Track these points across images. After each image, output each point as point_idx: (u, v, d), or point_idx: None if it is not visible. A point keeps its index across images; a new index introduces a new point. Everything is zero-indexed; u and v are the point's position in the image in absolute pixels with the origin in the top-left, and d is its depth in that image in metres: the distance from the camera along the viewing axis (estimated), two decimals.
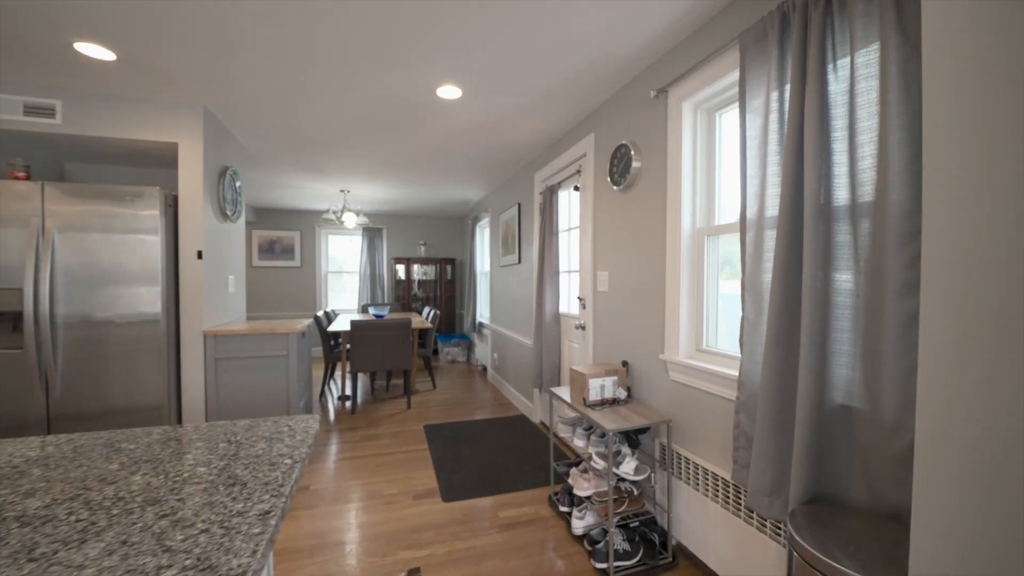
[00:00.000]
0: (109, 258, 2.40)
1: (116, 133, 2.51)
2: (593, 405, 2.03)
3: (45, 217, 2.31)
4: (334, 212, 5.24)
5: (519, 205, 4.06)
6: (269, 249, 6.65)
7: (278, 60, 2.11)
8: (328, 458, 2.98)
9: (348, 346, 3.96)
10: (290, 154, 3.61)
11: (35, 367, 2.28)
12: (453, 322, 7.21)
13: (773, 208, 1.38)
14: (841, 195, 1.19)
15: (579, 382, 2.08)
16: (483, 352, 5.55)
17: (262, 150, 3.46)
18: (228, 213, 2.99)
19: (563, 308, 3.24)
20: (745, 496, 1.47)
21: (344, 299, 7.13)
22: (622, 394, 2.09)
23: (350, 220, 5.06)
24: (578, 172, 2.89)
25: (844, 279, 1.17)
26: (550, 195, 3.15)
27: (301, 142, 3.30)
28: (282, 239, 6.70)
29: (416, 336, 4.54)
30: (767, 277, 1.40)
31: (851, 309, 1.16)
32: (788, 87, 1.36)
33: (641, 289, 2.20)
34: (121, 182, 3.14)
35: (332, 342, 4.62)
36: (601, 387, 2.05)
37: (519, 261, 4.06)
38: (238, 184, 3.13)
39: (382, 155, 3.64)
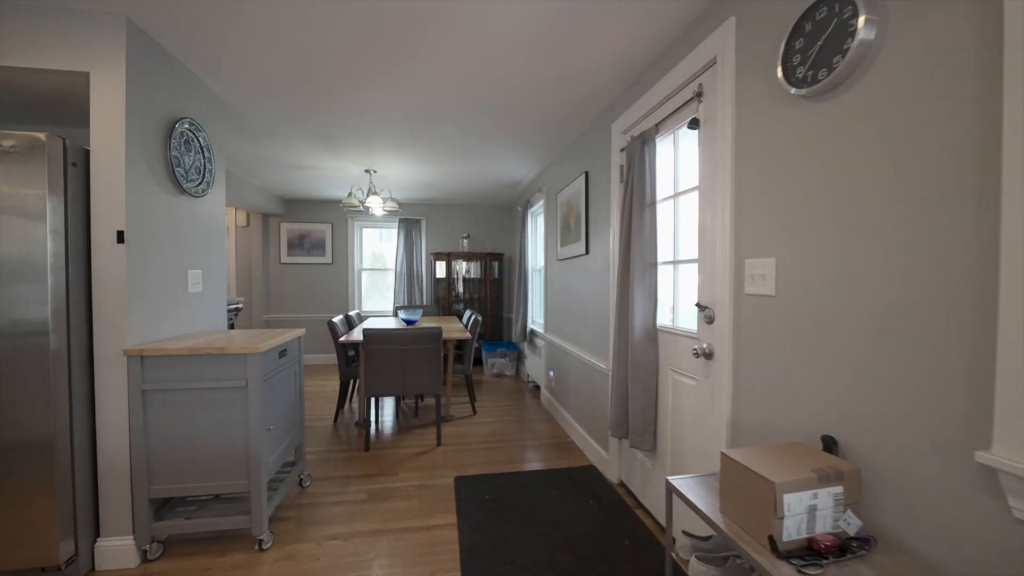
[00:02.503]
0: None
1: (9, 61, 1.71)
2: (795, 554, 0.90)
3: None
4: (358, 198, 4.40)
5: (586, 175, 2.96)
6: (298, 244, 5.99)
7: None
8: (309, 534, 2.04)
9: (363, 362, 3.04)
10: (278, 104, 2.73)
11: None
12: (500, 328, 6.20)
13: None
14: None
15: (755, 491, 0.96)
16: (536, 367, 4.49)
17: (241, 99, 2.61)
18: (185, 183, 2.14)
19: (664, 320, 2.10)
20: None
21: (385, 300, 6.34)
22: (852, 525, 0.94)
23: (376, 205, 4.18)
24: (696, 97, 1.74)
25: None
26: (639, 149, 2.03)
27: (287, 80, 2.41)
28: (312, 233, 6.01)
29: (452, 348, 3.57)
30: None
31: None
32: None
33: (888, 289, 1.03)
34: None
35: (349, 353, 3.76)
36: (809, 510, 0.92)
37: (586, 251, 2.96)
38: (202, 142, 2.28)
39: (403, 106, 2.68)
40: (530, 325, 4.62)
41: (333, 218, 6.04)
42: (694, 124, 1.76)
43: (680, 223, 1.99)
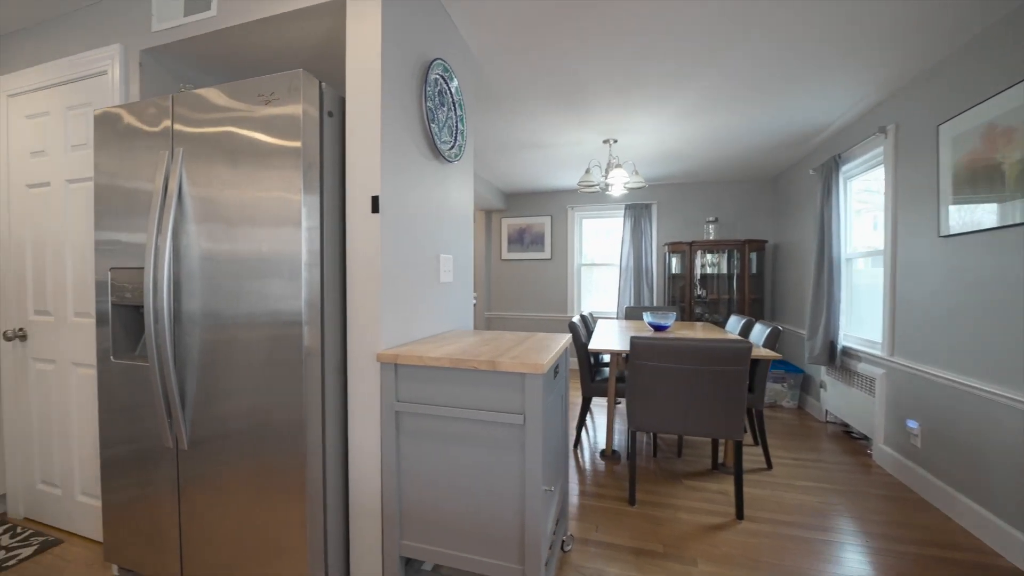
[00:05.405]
0: (236, 212, 1.33)
1: (272, 8, 1.47)
2: None
3: (174, 150, 1.41)
4: (600, 175, 3.70)
5: None
6: (518, 239, 5.75)
7: None
8: None
9: (626, 377, 2.25)
10: (529, 45, 2.14)
11: (157, 383, 1.39)
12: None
13: None
14: None
15: None
16: (849, 402, 2.99)
17: (487, 45, 2.09)
18: (439, 143, 1.69)
19: None
20: None
21: (598, 300, 5.61)
22: None
23: (618, 182, 3.40)
24: None
25: None
26: None
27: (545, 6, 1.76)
28: (531, 227, 5.69)
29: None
30: None
31: None
32: None
33: None
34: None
35: (592, 360, 3.05)
36: None
37: None
38: (454, 94, 1.82)
39: (686, 18, 1.77)
40: (841, 342, 3.13)
41: (552, 210, 5.60)
42: None
43: None
